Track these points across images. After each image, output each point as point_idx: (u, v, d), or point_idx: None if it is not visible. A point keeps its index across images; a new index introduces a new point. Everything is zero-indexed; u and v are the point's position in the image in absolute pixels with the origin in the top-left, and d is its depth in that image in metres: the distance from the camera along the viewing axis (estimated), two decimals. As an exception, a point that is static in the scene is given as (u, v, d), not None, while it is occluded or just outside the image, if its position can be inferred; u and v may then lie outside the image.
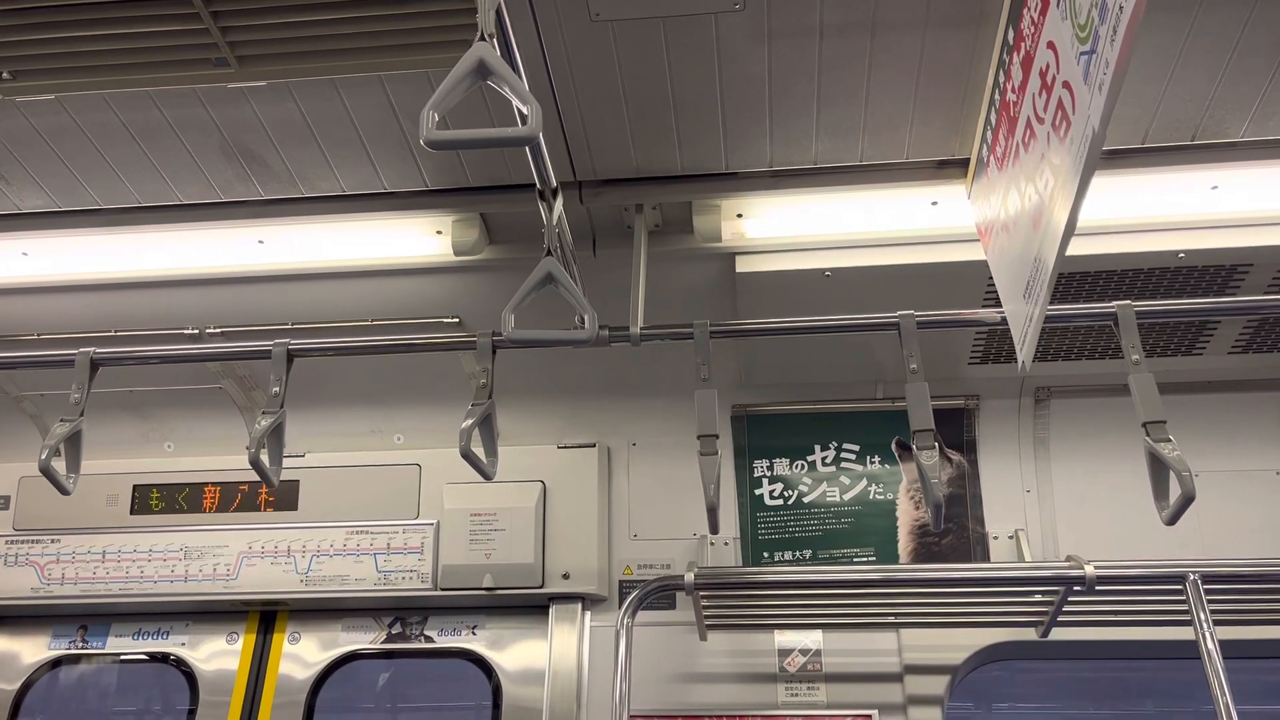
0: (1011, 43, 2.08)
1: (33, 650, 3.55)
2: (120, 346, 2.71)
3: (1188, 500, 1.99)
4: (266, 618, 3.48)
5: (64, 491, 2.52)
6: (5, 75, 2.31)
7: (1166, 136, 2.47)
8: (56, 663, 3.56)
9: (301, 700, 3.34)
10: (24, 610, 3.52)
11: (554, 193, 2.27)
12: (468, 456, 2.30)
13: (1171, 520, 2.07)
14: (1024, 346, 2.09)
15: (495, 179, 2.72)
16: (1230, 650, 2.58)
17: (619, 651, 2.83)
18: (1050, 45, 1.83)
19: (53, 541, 3.46)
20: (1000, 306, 2.31)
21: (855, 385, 3.38)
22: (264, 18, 2.16)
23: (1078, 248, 2.66)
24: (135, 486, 3.52)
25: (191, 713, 3.38)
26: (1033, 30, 1.93)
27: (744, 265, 2.88)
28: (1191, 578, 2.66)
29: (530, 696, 3.23)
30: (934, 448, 2.18)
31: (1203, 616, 2.59)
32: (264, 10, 2.15)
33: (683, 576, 2.84)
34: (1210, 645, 2.54)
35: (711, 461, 2.28)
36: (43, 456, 2.43)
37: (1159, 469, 2.10)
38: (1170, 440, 2.08)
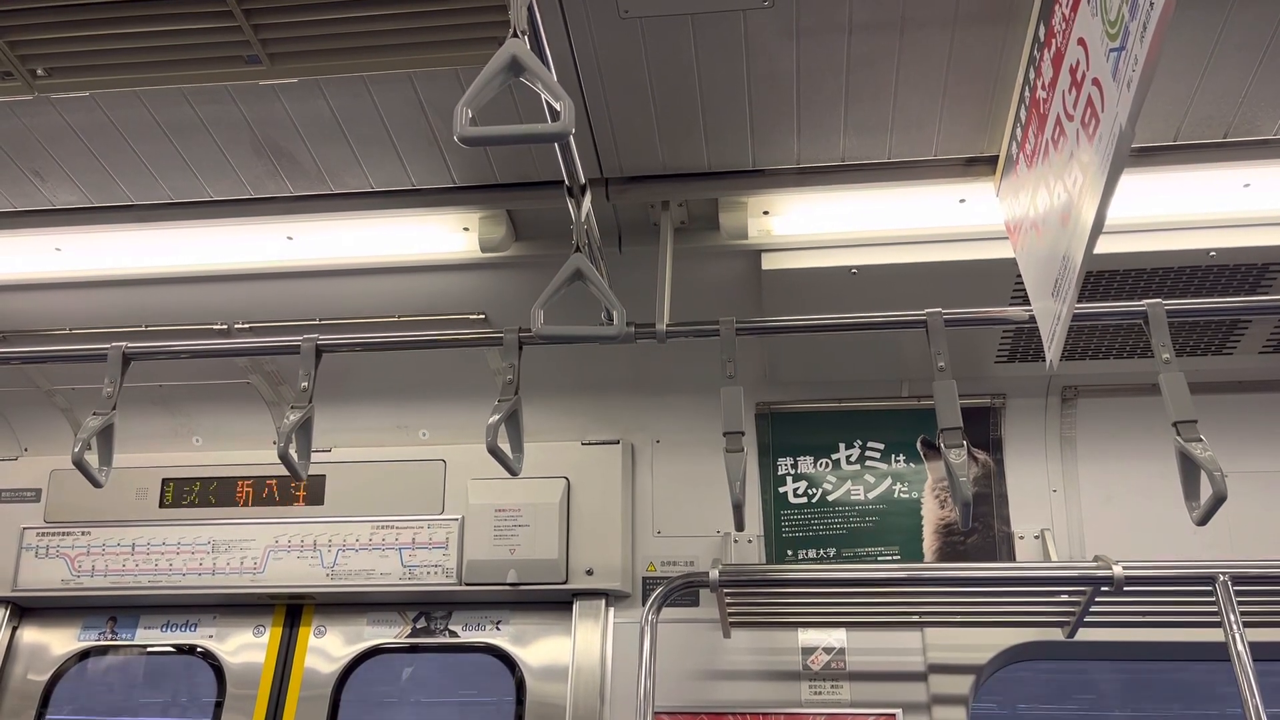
0: (1043, 39, 2.07)
1: (62, 641, 3.59)
2: (150, 341, 2.73)
3: (1219, 500, 1.98)
4: (293, 611, 3.51)
5: (96, 484, 2.55)
6: (40, 72, 2.34)
7: (1198, 134, 2.45)
8: (86, 654, 3.60)
9: (327, 694, 3.36)
10: (54, 602, 3.56)
11: (582, 189, 2.28)
12: (494, 452, 2.32)
13: (1202, 521, 2.05)
14: (1052, 345, 2.08)
15: (522, 176, 2.73)
16: (1261, 652, 2.56)
17: (643, 648, 2.84)
18: (1080, 42, 1.82)
19: (83, 534, 3.50)
20: (1027, 305, 2.29)
21: (880, 383, 3.37)
22: (296, 15, 2.18)
23: (1108, 246, 2.65)
24: (164, 480, 3.56)
25: (219, 705, 3.42)
26: (1064, 26, 1.92)
27: (770, 262, 2.88)
28: (1221, 578, 2.64)
29: (554, 692, 3.24)
30: (962, 446, 2.17)
31: (1232, 618, 2.57)
32: (296, 8, 2.17)
33: (707, 574, 2.83)
34: (1240, 647, 2.51)
35: (737, 458, 2.28)
36: (76, 449, 2.46)
37: (1190, 469, 2.09)
38: (1201, 440, 2.07)
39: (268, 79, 2.35)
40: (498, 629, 3.37)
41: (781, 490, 3.37)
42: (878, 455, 3.36)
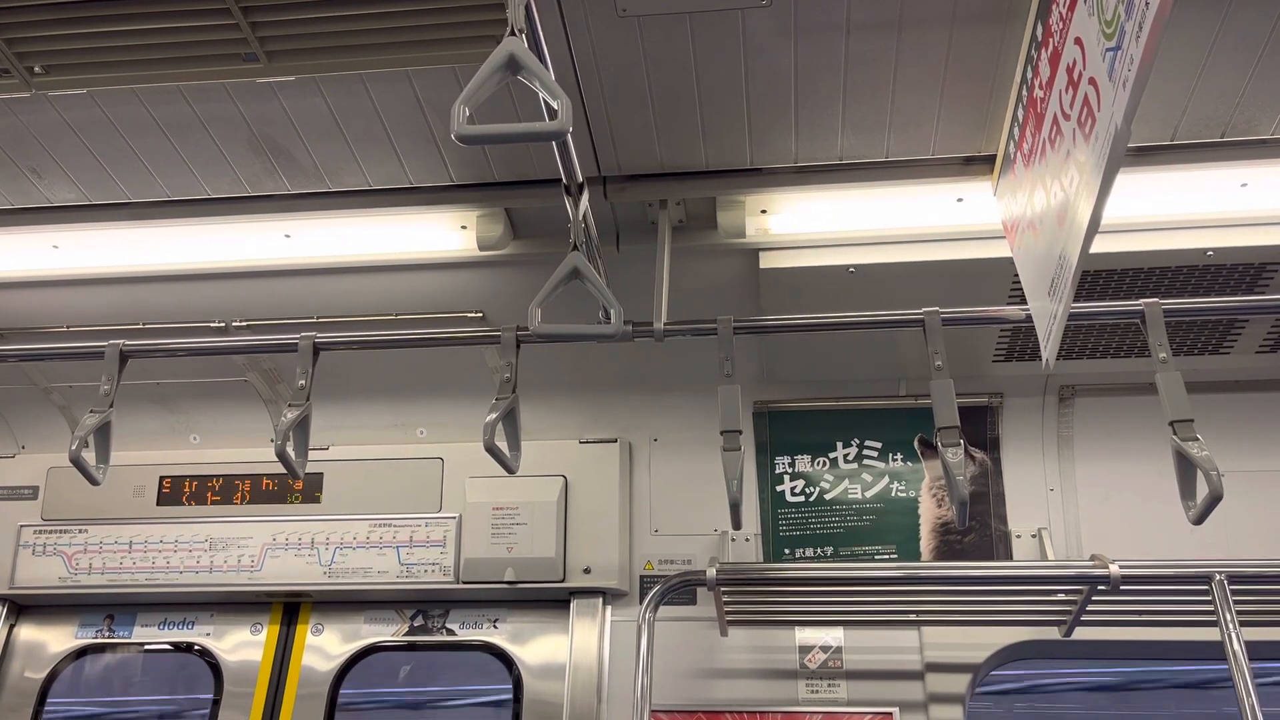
0: (1040, 38, 2.07)
1: (60, 639, 3.59)
2: (148, 339, 2.73)
3: (1215, 500, 1.98)
4: (290, 609, 3.50)
5: (93, 482, 2.55)
6: (38, 69, 2.34)
7: (1196, 133, 2.45)
8: (83, 652, 3.60)
9: (324, 692, 3.36)
10: (51, 599, 3.56)
11: (580, 188, 2.28)
12: (491, 450, 2.32)
13: (1198, 520, 2.06)
14: (1048, 344, 2.08)
15: (520, 174, 2.73)
16: (1256, 651, 2.57)
17: (640, 646, 2.84)
18: (1077, 41, 1.82)
19: (80, 531, 3.50)
20: (1025, 304, 2.29)
21: (878, 382, 3.38)
22: (293, 13, 2.18)
23: (1106, 245, 2.66)
24: (161, 478, 3.56)
25: (216, 703, 3.42)
26: (1061, 26, 1.92)
27: (768, 261, 2.88)
28: (1217, 578, 2.65)
29: (551, 690, 3.25)
30: (959, 445, 2.17)
31: (1228, 617, 2.58)
32: (293, 6, 2.17)
33: (704, 572, 2.84)
34: (1236, 646, 2.52)
35: (734, 457, 2.28)
36: (73, 447, 2.46)
37: (1186, 468, 2.09)
38: (1198, 439, 2.07)
39: (265, 77, 2.34)
40: (495, 627, 3.37)
41: (779, 489, 3.37)
42: (875, 454, 3.36)
